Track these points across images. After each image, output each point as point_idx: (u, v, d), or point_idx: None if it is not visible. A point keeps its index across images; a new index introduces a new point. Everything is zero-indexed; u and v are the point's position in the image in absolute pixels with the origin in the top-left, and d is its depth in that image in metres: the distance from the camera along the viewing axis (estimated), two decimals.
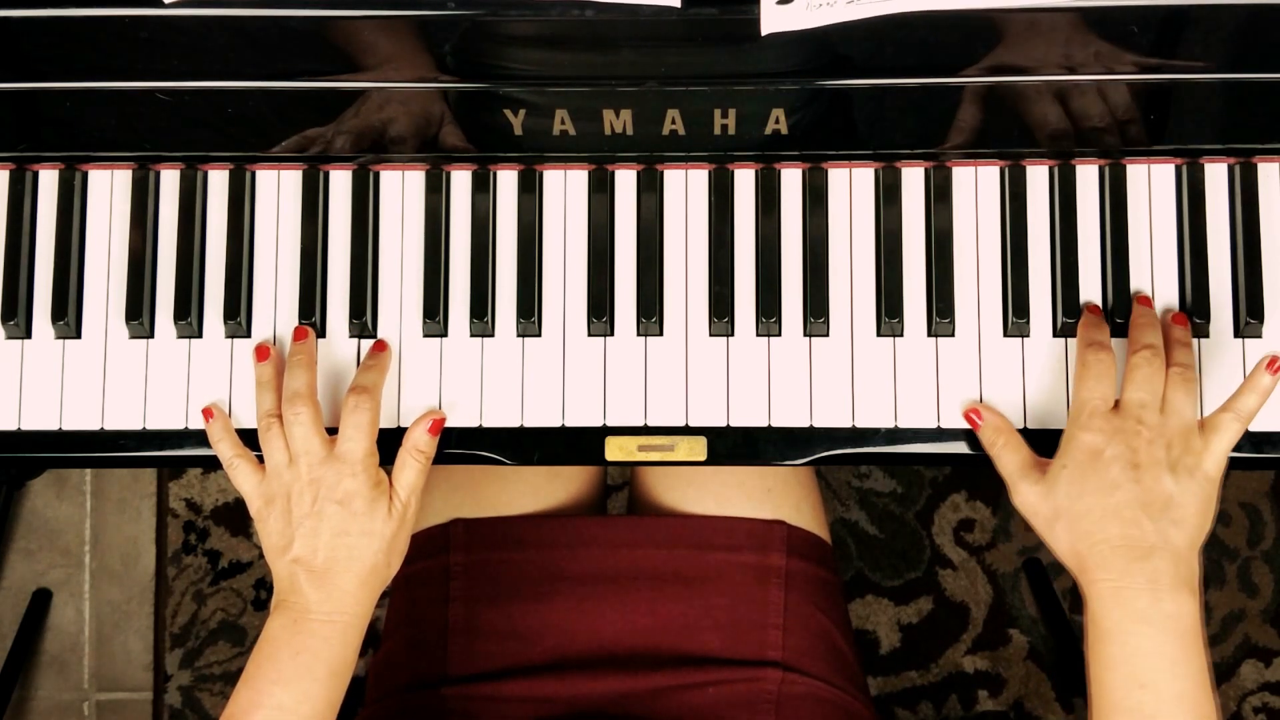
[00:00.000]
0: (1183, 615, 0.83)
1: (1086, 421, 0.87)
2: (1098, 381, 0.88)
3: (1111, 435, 0.86)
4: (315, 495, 0.90)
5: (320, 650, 0.88)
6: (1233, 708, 1.73)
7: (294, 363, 0.94)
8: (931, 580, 1.74)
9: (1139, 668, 0.82)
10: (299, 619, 0.89)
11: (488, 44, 0.93)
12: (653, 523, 1.09)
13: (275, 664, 0.88)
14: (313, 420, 0.91)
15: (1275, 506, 1.74)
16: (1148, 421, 0.86)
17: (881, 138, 0.96)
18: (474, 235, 0.98)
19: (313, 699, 0.87)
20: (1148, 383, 0.87)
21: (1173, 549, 0.84)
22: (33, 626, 1.74)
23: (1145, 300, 0.94)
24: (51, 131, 0.97)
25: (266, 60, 0.94)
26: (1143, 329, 0.91)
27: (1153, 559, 0.83)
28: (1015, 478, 0.90)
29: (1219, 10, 0.91)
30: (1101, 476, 0.85)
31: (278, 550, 0.90)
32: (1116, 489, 0.85)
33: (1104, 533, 0.84)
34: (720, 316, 0.96)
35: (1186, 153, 0.96)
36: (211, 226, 0.99)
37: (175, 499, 1.76)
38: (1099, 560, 0.84)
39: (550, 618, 1.05)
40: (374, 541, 0.90)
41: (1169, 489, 0.85)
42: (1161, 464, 0.85)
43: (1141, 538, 0.84)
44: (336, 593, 0.89)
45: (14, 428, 0.97)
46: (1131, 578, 0.83)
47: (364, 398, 0.92)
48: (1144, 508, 0.84)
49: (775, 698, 1.02)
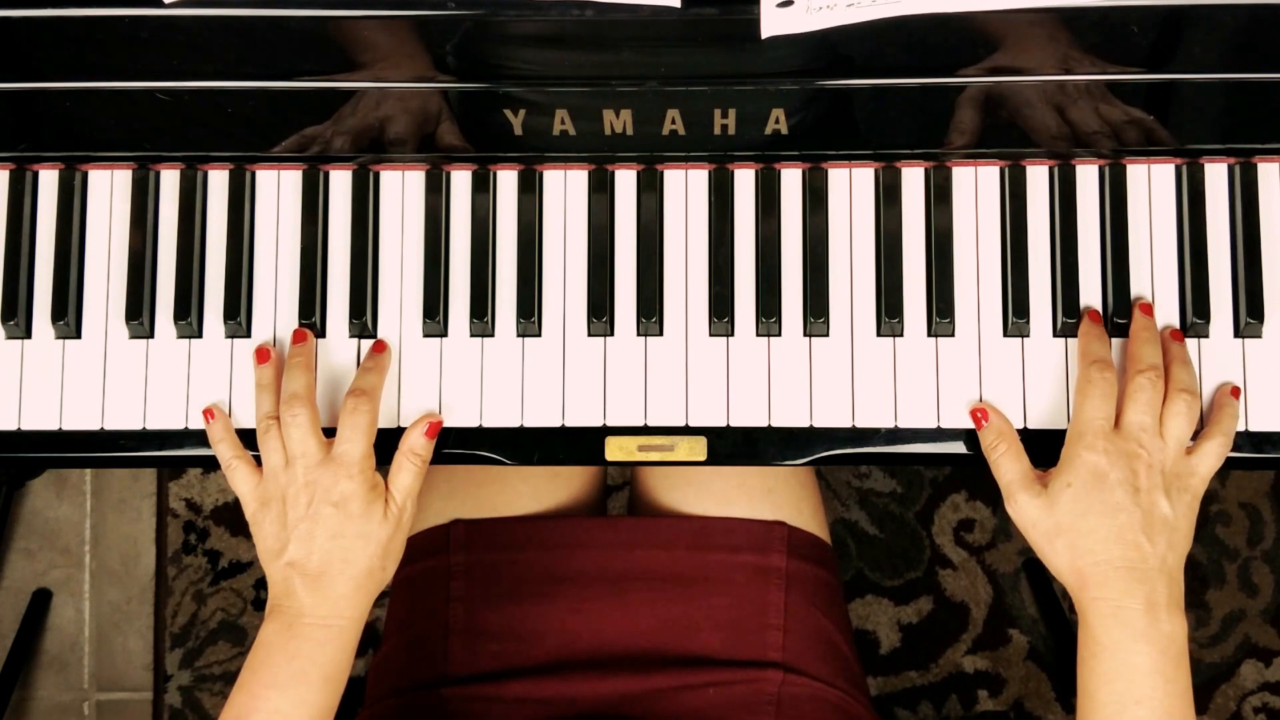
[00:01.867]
0: (1178, 635, 0.85)
1: (1091, 442, 0.88)
2: (1102, 401, 0.89)
3: (1115, 458, 0.87)
4: (311, 498, 0.89)
5: (315, 655, 0.88)
6: (1233, 708, 1.73)
7: (293, 365, 0.94)
8: (931, 580, 1.74)
9: (1134, 684, 0.84)
10: (293, 623, 0.88)
11: (488, 44, 0.93)
12: (653, 523, 1.09)
13: (270, 669, 0.88)
14: (310, 422, 0.91)
15: (1275, 506, 1.74)
16: (1148, 445, 0.88)
17: (881, 138, 0.96)
18: (474, 235, 0.98)
19: (308, 704, 0.87)
20: (1149, 407, 0.89)
21: (1169, 570, 0.86)
22: (33, 626, 1.74)
23: (1147, 309, 0.94)
24: (51, 131, 0.97)
25: (266, 60, 0.94)
26: (1144, 344, 0.92)
27: (1152, 580, 0.85)
28: (1015, 487, 0.90)
29: (1219, 10, 0.91)
30: (1106, 498, 0.86)
31: (272, 554, 0.90)
32: (1120, 511, 0.86)
33: (1107, 553, 0.86)
34: (720, 316, 0.96)
35: (1186, 153, 0.96)
36: (211, 226, 0.99)
37: (175, 499, 1.76)
38: (1100, 579, 0.86)
39: (551, 618, 1.05)
40: (369, 545, 0.90)
41: (1166, 512, 0.87)
42: (1159, 488, 0.87)
43: (1142, 559, 0.86)
44: (331, 597, 0.89)
45: (14, 428, 0.97)
46: (1132, 598, 0.85)
47: (362, 399, 0.92)
48: (1145, 530, 0.86)
49: (776, 699, 1.02)
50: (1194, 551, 1.72)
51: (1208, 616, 1.73)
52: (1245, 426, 0.94)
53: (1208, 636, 1.73)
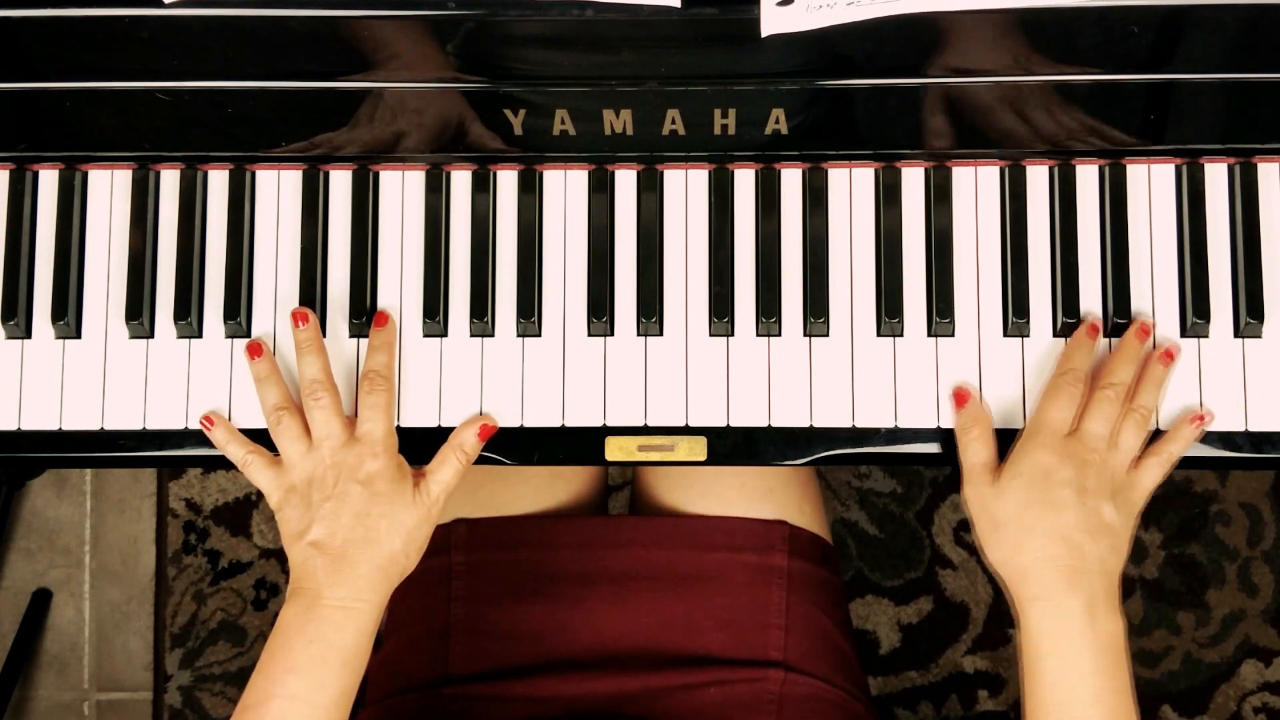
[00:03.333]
0: (1117, 634, 0.87)
1: (1045, 439, 0.90)
2: (1065, 406, 0.91)
3: (1065, 458, 0.89)
4: (337, 477, 0.90)
5: (333, 638, 0.87)
6: (1233, 708, 1.73)
7: (304, 349, 0.94)
8: (931, 580, 1.74)
9: (1079, 686, 0.85)
10: (312, 605, 0.88)
11: (488, 44, 0.93)
12: (654, 523, 1.09)
13: (288, 652, 0.87)
14: (333, 404, 0.92)
15: (1275, 506, 1.74)
16: (1099, 452, 0.90)
17: (881, 138, 0.96)
18: (474, 235, 0.98)
19: (326, 688, 0.87)
20: (1106, 420, 0.91)
21: (1107, 573, 0.88)
22: (33, 626, 1.74)
23: (1144, 332, 0.95)
24: (51, 131, 0.97)
25: (266, 60, 0.94)
26: (1122, 362, 0.93)
27: (1090, 579, 0.87)
28: (975, 471, 0.92)
29: (1219, 10, 0.91)
30: (1051, 495, 0.88)
31: (295, 535, 0.90)
32: (1065, 509, 0.87)
33: (1048, 550, 0.87)
34: (720, 316, 0.96)
35: (1186, 153, 0.96)
36: (211, 226, 0.99)
37: (175, 499, 1.76)
38: (1039, 577, 0.87)
39: (552, 617, 1.05)
40: (393, 526, 0.90)
41: (1110, 518, 0.88)
42: (1105, 494, 0.89)
43: (1083, 560, 0.87)
44: (351, 578, 0.88)
45: (14, 428, 0.97)
46: (1071, 598, 0.86)
47: (378, 380, 0.93)
48: (1087, 531, 0.87)
49: (777, 698, 1.02)
50: (1194, 551, 1.72)
51: (1208, 616, 1.73)
52: (1245, 426, 0.95)
53: (1208, 636, 1.73)
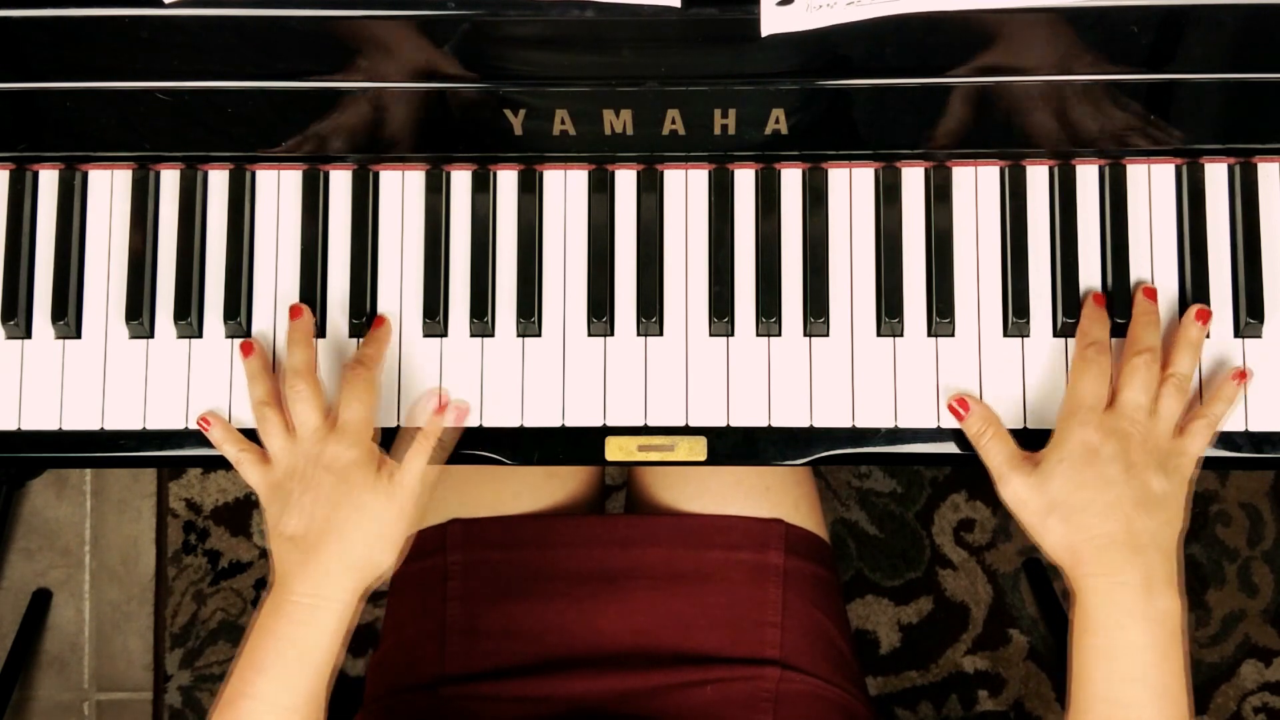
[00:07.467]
0: (1174, 612, 0.85)
1: (1085, 418, 0.88)
2: (1096, 380, 0.89)
3: (1108, 434, 0.87)
4: (315, 469, 0.89)
5: (294, 635, 0.86)
6: (1233, 708, 1.73)
7: (293, 340, 0.94)
8: (931, 580, 1.74)
9: (1129, 662, 0.84)
10: (278, 602, 0.87)
11: (488, 44, 0.93)
12: (651, 521, 1.09)
13: (254, 651, 0.87)
14: (311, 395, 0.91)
15: (1275, 506, 1.74)
16: (1140, 423, 0.88)
17: (881, 138, 0.96)
18: (474, 235, 0.98)
19: (291, 689, 0.85)
20: (1145, 387, 0.89)
21: (1163, 547, 0.86)
22: (33, 626, 1.74)
23: (1150, 294, 0.94)
24: (51, 131, 0.97)
25: (266, 60, 0.94)
26: (1144, 327, 0.92)
27: (1147, 555, 0.85)
28: (1005, 469, 0.90)
29: (1219, 10, 0.91)
30: (1099, 473, 0.86)
31: (274, 529, 0.89)
32: (1113, 486, 0.86)
33: (1102, 527, 0.86)
34: (720, 316, 0.96)
35: (1186, 153, 0.96)
36: (211, 226, 0.99)
37: (175, 499, 1.76)
38: (1094, 554, 0.86)
39: (548, 617, 1.05)
40: (366, 519, 0.88)
41: (1160, 489, 0.86)
42: (1152, 465, 0.87)
43: (1137, 535, 0.85)
44: (317, 572, 0.87)
45: (14, 428, 0.97)
46: (1128, 574, 0.85)
47: (359, 367, 0.92)
48: (1138, 505, 0.86)
49: (774, 696, 1.02)
50: (1194, 551, 1.72)
51: (1208, 616, 1.73)
52: (1245, 426, 0.94)
53: (1208, 636, 1.73)
